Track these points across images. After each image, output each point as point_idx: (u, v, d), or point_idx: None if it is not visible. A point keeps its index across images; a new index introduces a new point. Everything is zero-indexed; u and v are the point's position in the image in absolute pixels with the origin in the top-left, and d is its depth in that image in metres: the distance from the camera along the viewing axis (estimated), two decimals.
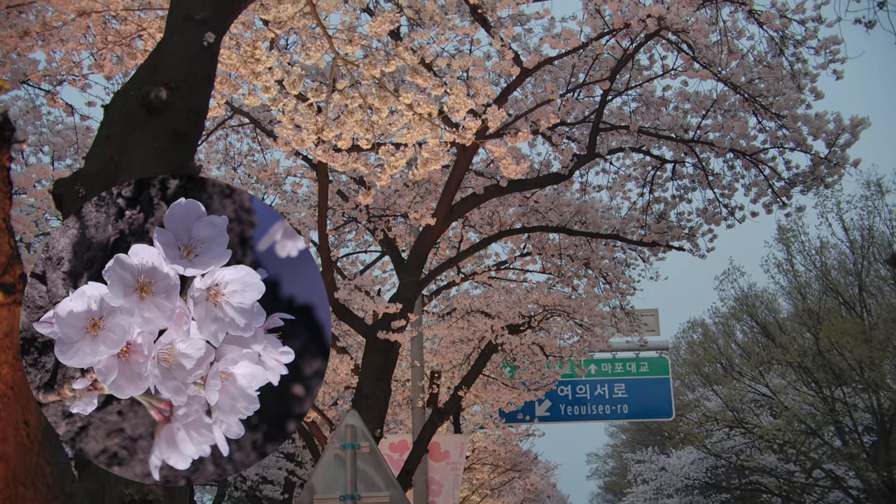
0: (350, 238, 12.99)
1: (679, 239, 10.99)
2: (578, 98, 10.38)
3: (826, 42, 8.68)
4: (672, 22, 7.92)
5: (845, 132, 9.25)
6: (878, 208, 24.42)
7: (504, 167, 7.09)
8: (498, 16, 8.49)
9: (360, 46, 6.10)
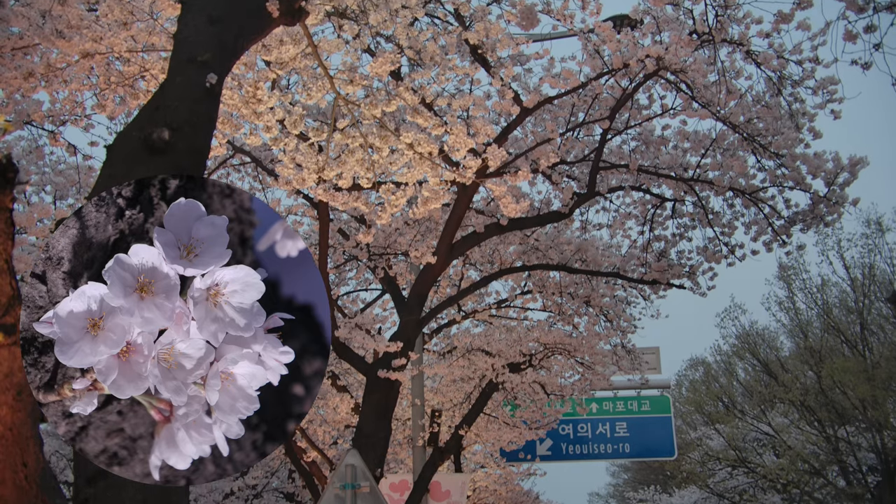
0: (351, 276, 13.01)
1: (680, 277, 10.99)
2: (578, 137, 10.43)
3: (823, 82, 8.75)
4: (670, 62, 7.99)
5: (844, 171, 9.29)
6: (878, 247, 24.46)
7: (504, 206, 7.11)
8: (498, 56, 8.57)
9: (361, 86, 6.16)
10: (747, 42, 8.49)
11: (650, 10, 8.34)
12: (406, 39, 7.52)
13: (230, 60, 3.98)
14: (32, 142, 8.56)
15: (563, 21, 8.68)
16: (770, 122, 9.27)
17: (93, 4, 5.18)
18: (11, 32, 4.70)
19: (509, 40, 8.17)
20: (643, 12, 8.45)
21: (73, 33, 4.54)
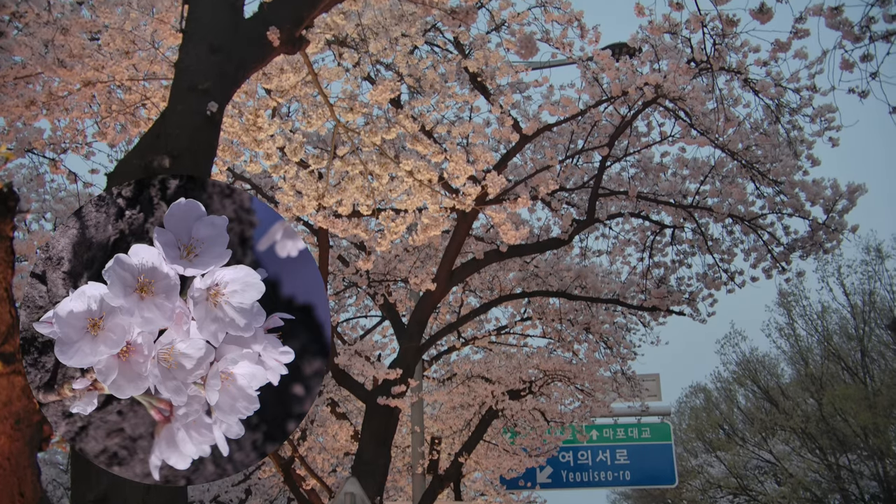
0: (350, 303, 12.99)
1: (679, 304, 10.98)
2: (577, 164, 10.47)
3: (821, 110, 8.79)
4: (669, 90, 8.03)
5: (843, 198, 9.32)
6: (878, 273, 24.46)
7: (504, 233, 7.13)
8: (497, 84, 8.62)
9: (360, 114, 6.19)
10: (745, 70, 8.55)
11: (648, 39, 8.40)
12: (406, 67, 7.57)
13: (231, 89, 4.01)
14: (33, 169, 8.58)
15: (561, 49, 8.74)
16: (768, 150, 9.31)
17: (95, 34, 5.22)
18: (14, 62, 4.73)
19: (508, 68, 8.22)
20: (641, 40, 8.51)
21: (74, 62, 4.57)
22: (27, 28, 4.73)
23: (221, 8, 4.02)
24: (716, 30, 6.68)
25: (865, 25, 5.02)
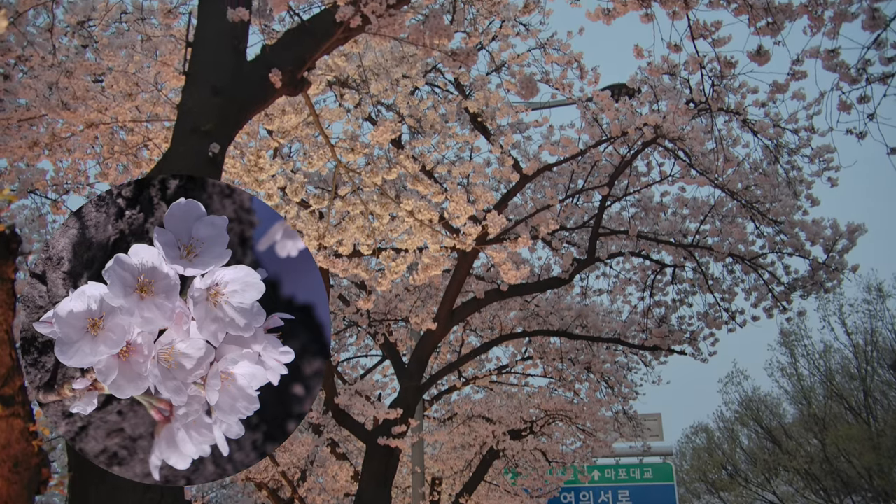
0: (351, 342, 12.96)
1: (681, 343, 10.95)
2: (578, 203, 10.50)
3: (820, 150, 8.85)
4: (668, 130, 8.08)
5: (843, 238, 9.33)
6: (880, 313, 24.41)
7: (504, 272, 7.14)
8: (497, 124, 8.68)
9: (362, 154, 6.23)
10: (744, 111, 8.61)
11: (647, 80, 8.47)
12: (407, 108, 7.63)
13: (233, 130, 4.04)
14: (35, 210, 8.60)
15: (561, 90, 8.81)
16: (768, 189, 9.35)
17: (99, 76, 5.27)
18: (18, 104, 4.77)
19: (509, 108, 8.29)
20: (641, 81, 8.58)
21: (78, 104, 4.61)
22: (32, 71, 4.78)
23: (224, 51, 4.07)
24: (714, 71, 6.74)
25: (862, 68, 5.07)
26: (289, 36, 4.35)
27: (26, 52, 4.69)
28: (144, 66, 5.15)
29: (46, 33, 4.76)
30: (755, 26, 4.87)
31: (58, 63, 4.57)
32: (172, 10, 5.02)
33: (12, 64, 4.81)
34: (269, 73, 4.09)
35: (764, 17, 4.83)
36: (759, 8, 4.86)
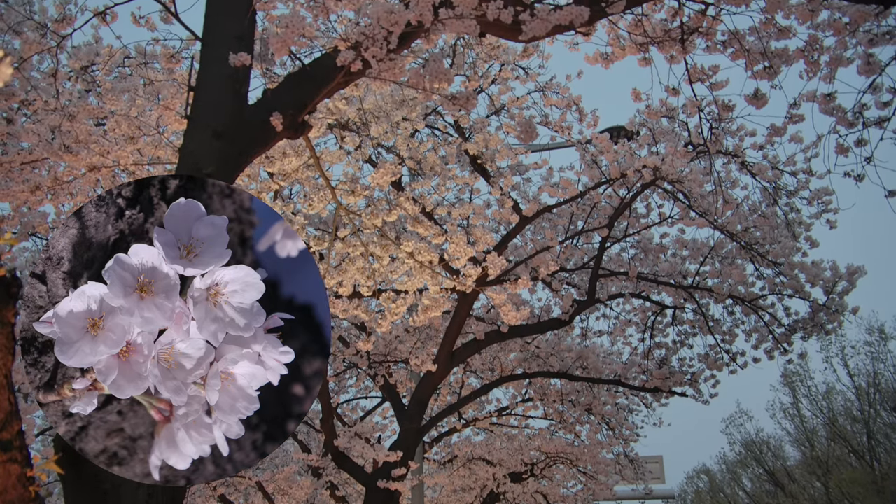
0: (351, 384, 12.91)
1: (681, 385, 10.91)
2: (577, 245, 10.52)
3: (818, 193, 8.89)
4: (667, 172, 8.12)
5: (842, 280, 9.34)
6: (882, 355, 24.33)
7: (504, 314, 7.13)
8: (497, 166, 8.73)
9: (362, 196, 6.25)
10: (742, 153, 8.66)
11: (646, 122, 8.54)
12: (407, 150, 7.68)
13: (234, 173, 4.06)
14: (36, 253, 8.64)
15: (560, 132, 8.88)
16: (767, 231, 9.37)
17: (101, 119, 5.32)
18: (21, 148, 4.81)
19: (508, 151, 8.34)
20: (639, 124, 8.64)
21: (80, 147, 4.64)
22: (35, 115, 4.82)
23: (226, 95, 4.10)
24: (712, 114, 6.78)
25: (858, 112, 5.11)
26: (290, 80, 4.39)
27: (30, 97, 4.73)
28: (146, 110, 5.19)
29: (50, 78, 4.81)
30: (752, 70, 4.92)
31: (61, 107, 4.61)
32: (175, 54, 5.08)
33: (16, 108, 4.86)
34: (271, 117, 4.12)
35: (761, 61, 4.88)
36: (756, 52, 4.91)
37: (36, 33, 4.62)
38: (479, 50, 8.31)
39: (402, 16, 3.98)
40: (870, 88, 5.00)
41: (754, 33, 4.91)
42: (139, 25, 5.21)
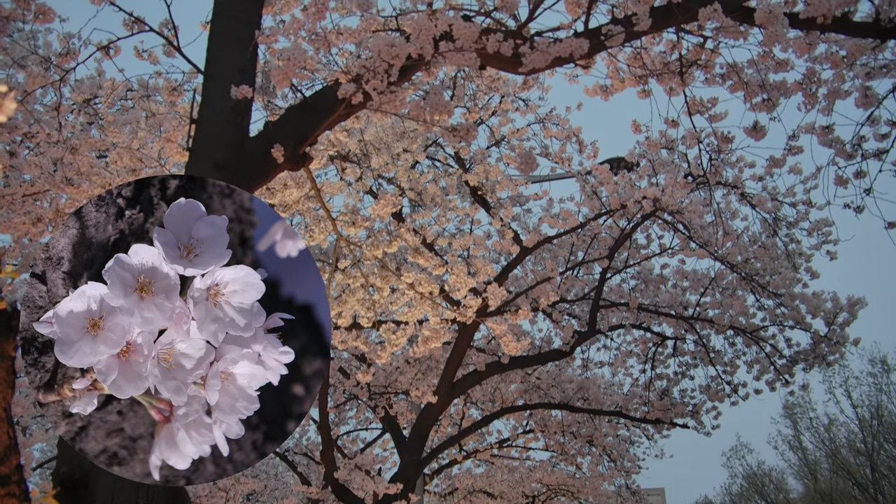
0: (351, 415, 12.86)
1: (683, 416, 10.86)
2: (578, 276, 10.52)
3: (818, 224, 8.91)
4: (667, 203, 8.15)
5: (843, 311, 9.33)
6: (884, 386, 24.22)
7: (505, 345, 7.12)
8: (497, 197, 8.75)
9: (362, 228, 6.27)
10: (742, 184, 8.69)
11: (646, 154, 8.58)
12: (407, 181, 7.71)
13: None
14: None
15: (561, 163, 8.91)
16: (767, 262, 9.38)
17: (103, 151, 5.34)
18: (23, 180, 4.83)
19: (508, 182, 8.37)
20: (639, 155, 8.68)
21: (82, 180, 4.66)
22: (38, 148, 4.84)
23: (227, 127, 4.13)
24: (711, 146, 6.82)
25: (857, 143, 5.14)
26: (291, 112, 4.42)
27: (33, 129, 4.76)
28: (148, 142, 5.21)
29: (53, 111, 4.84)
30: (751, 102, 4.96)
31: (63, 139, 4.64)
32: (177, 87, 5.11)
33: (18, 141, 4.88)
34: (272, 149, 4.15)
35: (759, 93, 4.91)
36: (755, 85, 4.95)
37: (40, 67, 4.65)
38: (479, 82, 8.37)
39: (403, 49, 4.02)
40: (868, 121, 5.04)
41: (752, 66, 4.94)
42: (142, 59, 5.25)
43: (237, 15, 4.29)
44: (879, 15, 4.54)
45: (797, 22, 4.56)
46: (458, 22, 4.15)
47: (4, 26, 4.30)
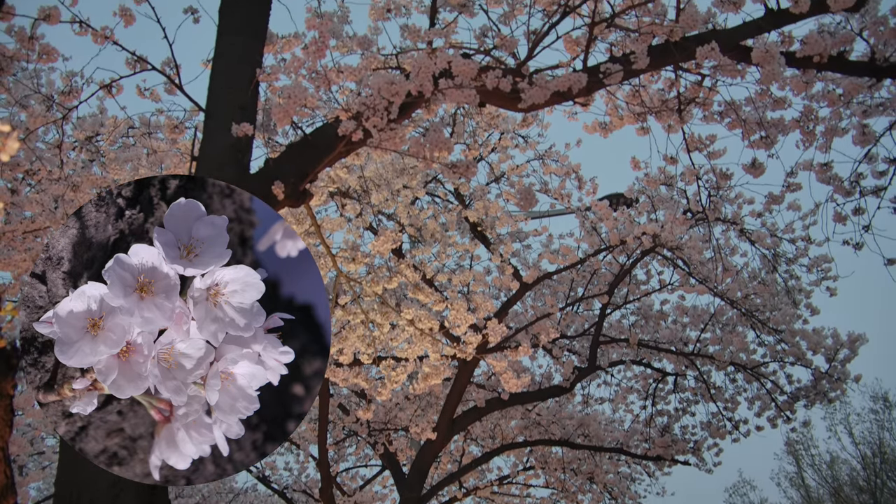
0: (350, 452, 12.77)
1: (684, 453, 10.79)
2: (578, 312, 10.51)
3: (817, 260, 8.92)
4: (666, 239, 8.16)
5: (844, 347, 9.31)
6: (887, 423, 24.08)
7: (505, 381, 7.10)
8: (497, 233, 8.77)
9: (362, 264, 6.28)
10: (741, 221, 8.72)
11: (645, 190, 8.61)
12: (407, 217, 7.73)
13: None
14: None
15: (560, 200, 8.94)
16: (767, 298, 9.38)
17: (104, 189, 5.37)
18: (24, 217, 4.84)
19: (508, 218, 8.40)
20: (638, 191, 8.71)
21: None
22: (39, 185, 4.86)
23: (228, 164, 4.15)
24: (710, 182, 6.85)
25: (855, 181, 5.16)
26: (292, 149, 4.44)
27: (34, 167, 4.78)
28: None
29: (55, 149, 4.87)
30: (749, 140, 4.99)
31: (65, 177, 4.66)
32: (178, 124, 5.15)
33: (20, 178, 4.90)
34: (272, 186, 4.16)
35: (757, 131, 4.95)
36: (753, 122, 4.98)
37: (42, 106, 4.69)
38: (478, 119, 8.42)
39: (403, 86, 4.05)
40: (865, 158, 5.07)
41: (750, 104, 4.98)
42: (144, 97, 5.29)
43: (239, 54, 4.33)
44: (875, 54, 4.58)
45: (794, 61, 4.60)
46: (458, 59, 4.19)
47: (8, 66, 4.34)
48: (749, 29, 4.65)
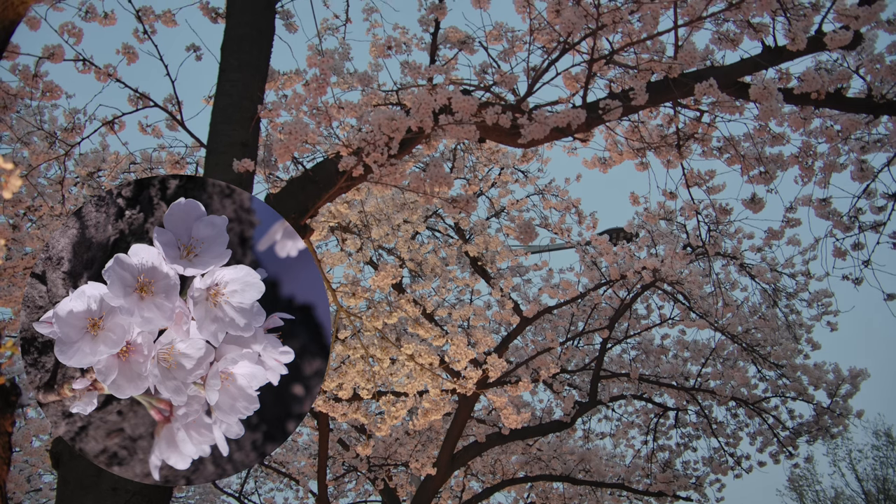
0: (350, 488, 12.68)
1: (686, 489, 10.71)
2: (578, 346, 10.49)
3: (817, 295, 8.92)
4: (667, 274, 8.17)
5: (846, 383, 9.28)
6: (890, 459, 23.90)
7: (505, 416, 7.07)
8: (497, 267, 8.78)
9: (363, 299, 6.28)
10: (741, 256, 8.73)
11: (645, 225, 8.62)
12: (407, 252, 7.74)
13: None
14: None
15: (560, 234, 8.96)
16: (768, 333, 9.36)
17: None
18: (25, 252, 4.85)
19: (508, 252, 8.41)
20: (638, 226, 8.73)
21: None
22: (40, 221, 4.87)
23: None
24: (710, 217, 6.88)
25: (854, 216, 5.18)
26: (292, 184, 4.46)
27: (36, 203, 4.80)
28: None
29: (57, 185, 4.89)
30: (748, 175, 5.01)
31: (66, 213, 4.67)
32: (180, 160, 5.17)
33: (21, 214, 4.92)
34: None
35: (756, 166, 4.97)
36: (751, 158, 5.01)
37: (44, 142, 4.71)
38: (478, 154, 8.46)
39: (403, 122, 4.07)
40: (864, 193, 5.09)
41: (749, 140, 5.01)
42: (146, 133, 5.32)
43: (240, 91, 4.36)
44: (871, 91, 4.62)
45: (791, 97, 4.63)
46: (458, 96, 4.22)
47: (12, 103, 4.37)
48: (747, 66, 4.69)
